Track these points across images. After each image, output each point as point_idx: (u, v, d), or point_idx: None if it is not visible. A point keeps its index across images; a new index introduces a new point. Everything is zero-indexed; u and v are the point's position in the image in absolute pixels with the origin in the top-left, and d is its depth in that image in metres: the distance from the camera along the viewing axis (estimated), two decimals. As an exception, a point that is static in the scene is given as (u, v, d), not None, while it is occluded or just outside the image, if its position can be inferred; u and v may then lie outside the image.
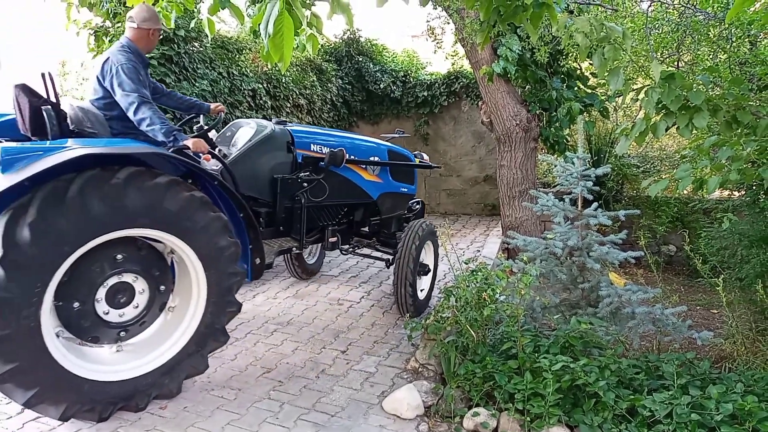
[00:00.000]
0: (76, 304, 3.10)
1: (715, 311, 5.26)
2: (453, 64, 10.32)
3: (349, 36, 10.18)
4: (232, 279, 3.60)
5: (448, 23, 8.06)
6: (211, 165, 3.85)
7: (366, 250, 5.66)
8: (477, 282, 3.81)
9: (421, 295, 5.14)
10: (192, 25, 6.00)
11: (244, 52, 7.42)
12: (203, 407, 3.45)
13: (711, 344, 4.02)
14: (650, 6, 5.28)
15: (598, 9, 5.07)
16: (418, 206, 5.85)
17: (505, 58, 5.96)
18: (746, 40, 5.25)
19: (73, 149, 2.87)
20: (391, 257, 5.29)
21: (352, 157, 4.89)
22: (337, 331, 4.73)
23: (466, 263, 4.25)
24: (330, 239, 4.90)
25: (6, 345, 2.77)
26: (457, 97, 9.94)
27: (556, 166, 4.52)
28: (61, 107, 3.46)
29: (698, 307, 5.43)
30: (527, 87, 6.50)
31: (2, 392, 2.89)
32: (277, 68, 7.56)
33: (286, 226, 4.53)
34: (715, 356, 3.98)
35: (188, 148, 3.59)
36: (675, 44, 5.41)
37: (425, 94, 9.96)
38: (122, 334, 3.34)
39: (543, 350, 3.51)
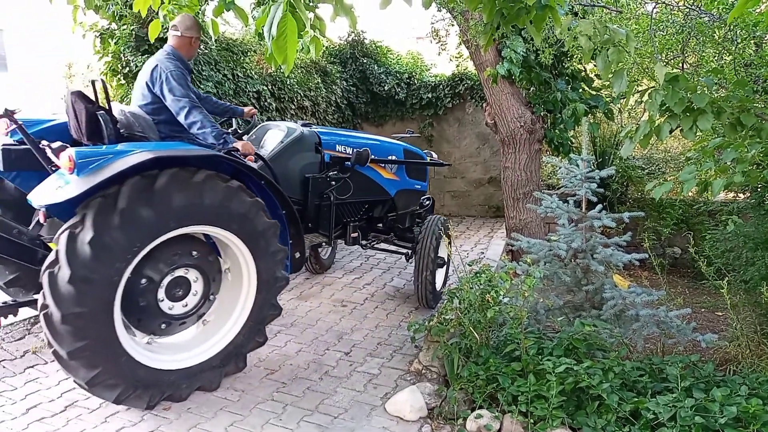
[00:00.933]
0: (143, 281, 3.26)
1: (720, 314, 5.24)
2: (457, 65, 10.32)
3: (354, 38, 10.18)
4: (272, 311, 3.86)
5: (453, 25, 8.08)
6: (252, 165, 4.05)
7: (383, 245, 5.89)
8: (481, 284, 3.81)
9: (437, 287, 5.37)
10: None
11: (248, 54, 7.43)
12: (206, 408, 3.46)
13: (715, 347, 4.00)
14: (655, 8, 5.26)
15: (602, 11, 5.05)
16: (428, 202, 6.10)
17: (509, 60, 5.95)
18: (752, 41, 5.23)
19: (143, 152, 3.04)
20: (409, 251, 5.57)
21: (373, 156, 5.08)
22: (340, 333, 4.73)
23: (470, 265, 4.25)
24: (352, 234, 5.16)
25: (85, 287, 2.88)
26: (461, 99, 9.93)
27: (560, 167, 4.52)
28: (113, 112, 3.64)
29: (703, 310, 5.42)
30: (532, 89, 6.49)
31: (52, 334, 2.93)
32: (281, 70, 7.58)
33: (315, 222, 4.77)
34: (719, 359, 3.97)
35: (237, 150, 3.84)
36: (680, 46, 5.39)
37: (430, 95, 9.95)
38: (163, 326, 3.45)
39: (546, 352, 3.50)
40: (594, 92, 6.74)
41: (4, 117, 3.52)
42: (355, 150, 4.88)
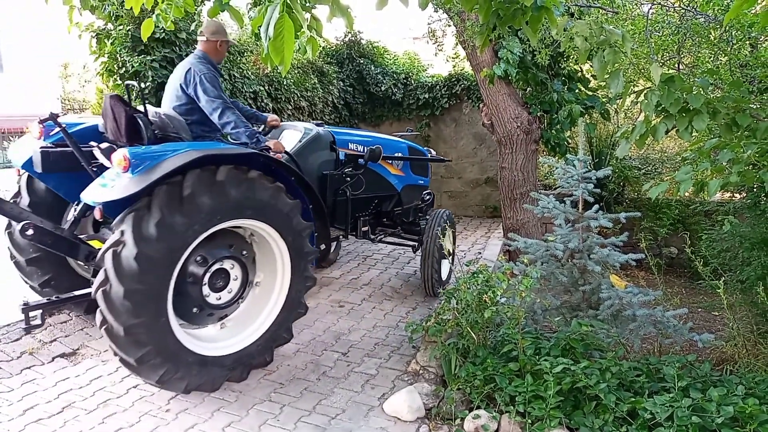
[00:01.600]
0: (198, 258, 3.48)
1: (717, 314, 5.25)
2: (454, 66, 10.33)
3: (351, 38, 10.18)
4: (285, 334, 4.01)
5: (449, 26, 8.08)
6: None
7: (390, 238, 6.10)
8: (478, 284, 3.81)
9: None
10: (193, 27, 6.02)
11: (245, 54, 7.43)
12: (204, 409, 3.46)
13: (712, 346, 4.01)
14: (651, 9, 5.28)
15: (598, 12, 5.07)
16: (429, 197, 6.36)
17: (506, 61, 5.96)
18: (747, 42, 5.24)
19: (191, 151, 3.24)
20: (416, 243, 5.82)
21: (383, 153, 5.28)
22: (338, 333, 4.73)
23: (467, 265, 4.26)
24: (362, 228, 5.43)
25: (168, 234, 3.09)
26: (458, 100, 9.94)
27: (557, 168, 4.52)
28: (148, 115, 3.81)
29: (699, 310, 5.43)
30: (528, 89, 6.50)
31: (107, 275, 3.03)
32: (277, 71, 7.57)
33: (332, 217, 4.97)
34: (716, 359, 3.97)
35: (269, 148, 4.11)
36: (676, 47, 5.40)
37: (426, 96, 9.96)
38: (195, 310, 3.55)
39: (544, 352, 3.51)
40: (590, 93, 6.75)
41: (49, 120, 3.69)
42: (367, 148, 5.11)
